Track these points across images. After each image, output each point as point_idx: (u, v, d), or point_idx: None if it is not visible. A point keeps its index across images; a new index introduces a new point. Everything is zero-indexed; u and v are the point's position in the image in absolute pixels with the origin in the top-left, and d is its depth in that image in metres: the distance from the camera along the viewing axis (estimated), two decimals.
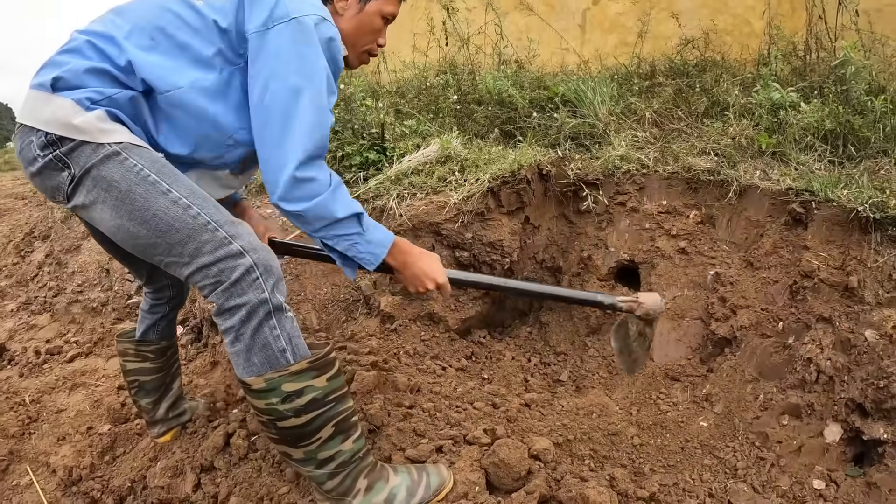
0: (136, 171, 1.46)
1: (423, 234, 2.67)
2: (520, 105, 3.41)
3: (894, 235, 2.18)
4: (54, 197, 1.55)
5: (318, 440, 1.57)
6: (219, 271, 1.47)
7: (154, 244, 1.49)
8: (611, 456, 2.05)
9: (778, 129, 2.97)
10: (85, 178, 1.47)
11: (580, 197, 2.89)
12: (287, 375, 1.50)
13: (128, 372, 2.20)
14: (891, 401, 1.99)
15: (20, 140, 1.53)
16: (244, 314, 1.47)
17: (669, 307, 2.57)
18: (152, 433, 2.28)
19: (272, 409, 1.51)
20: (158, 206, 1.46)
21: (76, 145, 1.45)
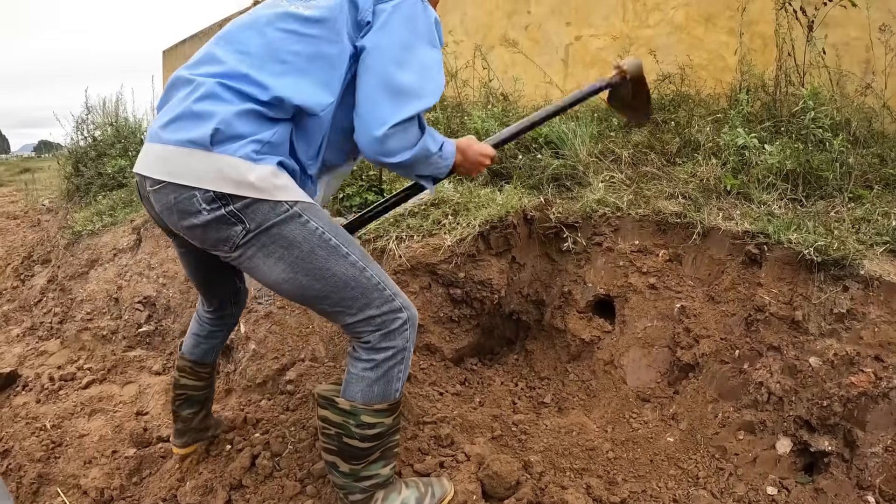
0: (318, 234, 1.68)
1: (420, 273, 3.01)
2: (506, 146, 3.77)
3: (836, 275, 2.56)
4: (215, 246, 1.67)
5: (366, 461, 1.88)
6: (381, 322, 1.77)
7: (325, 297, 1.72)
8: (588, 468, 2.42)
9: (743, 170, 3.31)
10: (262, 235, 1.63)
11: (561, 238, 3.24)
12: (371, 411, 1.81)
13: (179, 386, 2.39)
14: (834, 417, 2.37)
15: (173, 193, 1.61)
16: (390, 354, 1.79)
17: (641, 336, 2.96)
18: (178, 443, 2.48)
19: (346, 427, 1.81)
20: (338, 268, 1.70)
21: (251, 202, 1.59)
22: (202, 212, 1.60)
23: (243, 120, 1.60)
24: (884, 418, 2.32)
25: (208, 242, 1.67)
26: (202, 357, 2.39)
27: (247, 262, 1.69)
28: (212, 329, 2.36)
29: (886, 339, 2.39)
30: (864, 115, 3.76)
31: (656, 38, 4.93)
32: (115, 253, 4.76)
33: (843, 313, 2.49)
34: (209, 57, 1.71)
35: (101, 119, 7.33)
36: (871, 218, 2.87)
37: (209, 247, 1.70)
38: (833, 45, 3.99)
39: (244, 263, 1.70)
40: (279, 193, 1.62)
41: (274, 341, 3.14)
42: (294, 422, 2.64)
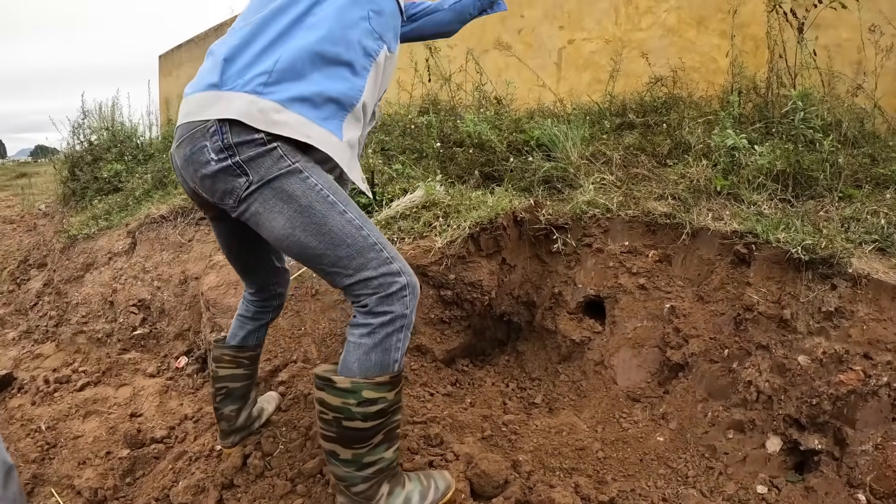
0: (317, 189, 1.69)
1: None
2: (498, 149, 3.81)
3: (824, 273, 2.58)
4: (223, 199, 1.72)
5: (369, 445, 1.80)
6: (378, 284, 1.72)
7: (322, 255, 1.71)
8: (577, 468, 2.43)
9: (733, 170, 3.33)
10: (264, 188, 1.66)
11: (551, 239, 3.26)
12: (372, 384, 1.74)
13: (219, 378, 2.38)
14: (823, 416, 2.37)
15: (188, 146, 1.71)
16: (387, 319, 1.73)
17: (631, 336, 2.97)
18: (226, 443, 2.46)
19: (345, 408, 1.73)
20: (335, 224, 1.69)
21: (255, 155, 1.64)
22: (210, 161, 1.66)
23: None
24: (873, 416, 2.32)
25: (217, 195, 1.72)
26: (244, 340, 2.37)
27: (252, 217, 1.72)
28: (257, 310, 2.36)
29: (875, 336, 2.40)
30: (856, 115, 3.78)
31: (649, 41, 4.96)
32: (111, 256, 4.78)
33: (832, 311, 2.50)
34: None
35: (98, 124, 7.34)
36: (860, 217, 2.89)
37: (218, 199, 1.73)
38: (825, 46, 4.02)
39: (250, 218, 1.73)
40: (276, 128, 1.64)
41: (266, 343, 3.12)
42: (285, 422, 2.63)
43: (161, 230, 4.50)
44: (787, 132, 3.50)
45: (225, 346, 2.38)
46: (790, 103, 3.43)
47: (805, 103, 3.51)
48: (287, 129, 1.65)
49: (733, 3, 4.30)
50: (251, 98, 1.65)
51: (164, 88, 11.97)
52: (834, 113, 3.69)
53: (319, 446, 1.99)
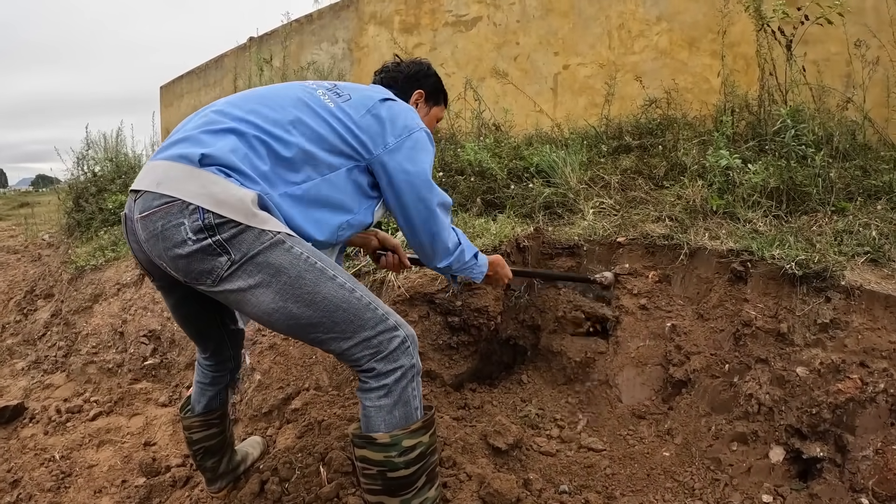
0: (303, 258, 1.66)
1: (418, 303, 3.11)
2: (498, 176, 3.91)
3: (818, 287, 2.66)
4: (198, 279, 1.64)
5: (415, 489, 1.80)
6: (378, 343, 1.73)
7: (317, 324, 1.69)
8: (587, 484, 2.50)
9: (728, 189, 3.42)
10: (248, 264, 1.61)
11: (554, 264, 3.36)
12: (409, 433, 1.76)
13: (194, 442, 2.39)
14: (823, 424, 2.45)
15: (161, 220, 1.62)
16: (398, 375, 1.76)
17: (634, 355, 3.05)
18: (213, 488, 2.50)
19: (388, 461, 1.74)
20: (328, 290, 1.68)
21: (236, 233, 1.59)
22: (187, 241, 1.59)
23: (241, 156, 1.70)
24: (872, 422, 2.40)
25: (192, 275, 1.64)
26: (209, 406, 2.39)
27: (233, 296, 1.67)
28: (214, 375, 2.36)
29: (870, 345, 2.49)
30: (847, 128, 3.88)
31: (642, 64, 5.08)
32: (119, 287, 4.85)
33: (827, 323, 2.58)
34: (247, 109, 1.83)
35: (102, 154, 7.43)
36: (853, 229, 2.98)
37: (192, 279, 1.66)
38: (814, 61, 4.14)
39: (230, 297, 1.68)
40: (255, 221, 1.61)
41: (278, 371, 3.22)
42: (300, 448, 2.66)
43: None
44: (780, 149, 3.59)
45: (193, 415, 2.39)
46: (780, 121, 3.52)
47: (796, 119, 3.60)
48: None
49: (723, 24, 4.41)
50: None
51: (166, 119, 12.10)
52: (825, 127, 3.79)
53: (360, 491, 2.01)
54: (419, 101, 2.34)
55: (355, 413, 2.82)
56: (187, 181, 1.61)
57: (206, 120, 1.78)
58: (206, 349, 2.30)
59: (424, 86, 2.37)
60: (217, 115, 1.79)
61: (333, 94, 1.97)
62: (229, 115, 1.78)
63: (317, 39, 7.55)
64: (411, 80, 2.34)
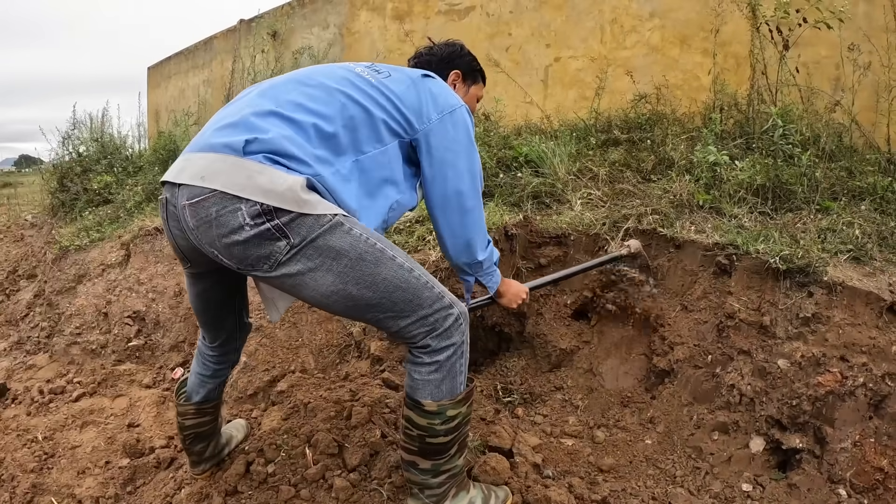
0: (363, 239, 1.67)
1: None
2: (488, 165, 3.94)
3: (801, 281, 2.72)
4: (255, 265, 1.64)
5: (447, 456, 1.92)
6: (434, 320, 1.78)
7: (377, 304, 1.72)
8: (570, 470, 2.55)
9: (715, 185, 3.47)
10: (308, 248, 1.61)
11: (541, 252, 3.39)
12: (454, 403, 1.86)
13: (186, 428, 2.39)
14: (803, 416, 2.52)
15: (215, 206, 1.60)
16: (451, 352, 1.82)
17: (618, 345, 3.10)
18: (197, 471, 2.48)
19: (430, 427, 1.85)
20: (388, 271, 1.70)
21: (296, 216, 1.58)
22: (245, 227, 1.58)
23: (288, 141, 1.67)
24: (851, 415, 2.47)
25: (248, 260, 1.63)
26: (206, 396, 2.38)
27: (290, 280, 1.66)
28: (217, 368, 2.35)
29: (850, 340, 2.55)
30: (834, 130, 3.94)
31: (633, 59, 5.11)
32: (104, 268, 4.82)
33: (809, 317, 2.64)
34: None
35: (87, 135, 7.35)
36: (836, 228, 3.05)
37: (247, 266, 1.65)
38: (804, 63, 4.18)
39: (287, 281, 1.67)
40: (307, 207, 1.60)
41: (264, 354, 3.23)
42: (286, 430, 2.67)
43: (155, 243, 4.56)
44: (767, 147, 3.64)
45: (189, 403, 2.39)
46: (770, 120, 3.57)
47: (785, 120, 3.65)
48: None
49: (715, 23, 4.45)
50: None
51: (153, 100, 11.98)
52: (812, 128, 3.84)
53: (400, 455, 2.01)
54: (456, 82, 2.34)
55: (341, 396, 2.83)
56: (232, 173, 1.60)
57: (250, 102, 1.77)
58: (217, 339, 2.28)
59: (460, 66, 2.36)
60: (261, 97, 1.78)
61: (373, 71, 1.97)
62: (273, 98, 1.77)
63: (308, 24, 7.50)
64: (446, 62, 2.34)
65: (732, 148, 3.81)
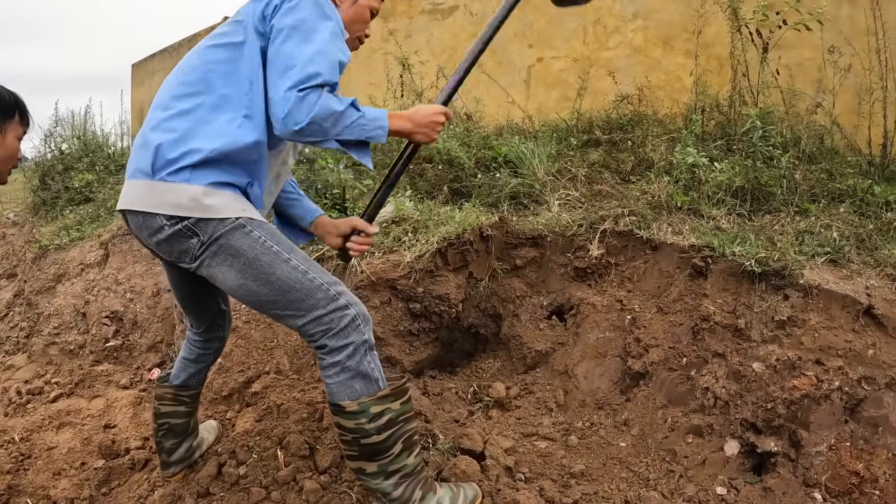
0: (260, 241, 1.84)
1: (380, 288, 3.10)
2: (466, 165, 3.92)
3: (777, 285, 2.71)
4: (180, 258, 1.87)
5: (390, 455, 1.93)
6: (329, 320, 1.85)
7: (274, 301, 1.86)
8: (543, 472, 2.53)
9: (694, 187, 3.46)
10: (213, 245, 1.82)
11: (517, 253, 3.37)
12: (375, 399, 1.88)
13: (160, 415, 2.44)
14: (778, 419, 2.51)
15: (140, 215, 1.84)
16: (350, 351, 1.86)
17: (594, 346, 3.08)
18: (166, 473, 2.52)
19: (360, 428, 1.88)
20: (281, 272, 1.84)
21: (201, 217, 1.79)
22: (164, 227, 1.82)
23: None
24: (827, 418, 2.47)
25: (174, 255, 1.88)
26: (186, 381, 2.44)
27: (206, 271, 1.88)
28: (200, 352, 2.43)
29: (826, 343, 2.55)
30: (816, 132, 3.94)
31: (616, 60, 5.10)
32: (83, 268, 4.78)
33: (784, 320, 2.64)
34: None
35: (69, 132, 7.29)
36: (814, 230, 3.04)
37: (176, 259, 1.89)
38: (786, 65, 4.19)
39: (205, 272, 1.88)
40: (211, 212, 1.80)
41: (240, 355, 3.20)
42: (259, 432, 2.70)
43: (134, 242, 4.50)
44: (747, 149, 3.63)
45: (168, 385, 2.45)
46: (749, 122, 3.56)
47: (765, 121, 3.63)
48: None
49: (698, 24, 4.44)
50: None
51: (137, 98, 11.90)
52: (793, 130, 3.84)
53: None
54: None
55: (314, 397, 2.84)
56: (147, 196, 1.83)
57: (149, 116, 1.92)
58: (201, 325, 2.40)
59: None
60: (154, 108, 1.91)
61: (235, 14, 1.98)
62: (160, 105, 1.90)
63: None
64: None
65: (713, 149, 3.80)
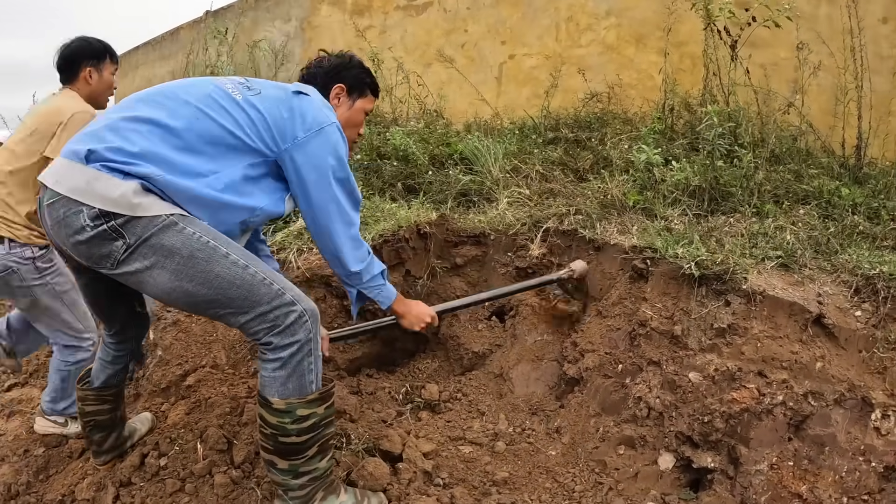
0: (195, 237, 1.68)
1: (315, 285, 2.92)
2: (419, 162, 3.73)
3: (718, 289, 2.49)
4: (98, 263, 1.69)
5: (304, 457, 1.87)
6: (275, 317, 1.75)
7: (213, 300, 1.72)
8: (465, 478, 2.34)
9: (651, 186, 3.26)
10: (142, 247, 1.65)
11: (457, 251, 3.17)
12: (304, 402, 1.81)
13: (85, 414, 2.37)
14: (716, 434, 2.30)
15: (63, 208, 1.67)
16: (295, 349, 1.78)
17: (531, 349, 2.88)
18: (98, 461, 2.47)
19: (281, 426, 1.81)
20: (221, 268, 1.69)
21: (130, 217, 1.63)
22: (86, 228, 1.64)
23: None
24: (768, 435, 2.26)
25: (92, 259, 1.69)
26: (106, 382, 2.34)
27: (131, 277, 1.71)
28: (116, 354, 2.31)
29: (770, 354, 2.34)
30: (790, 133, 3.78)
31: (588, 58, 4.90)
32: None
33: (724, 328, 2.43)
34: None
35: None
36: (769, 232, 2.82)
37: (93, 263, 1.71)
38: (762, 64, 3.99)
39: (130, 279, 1.72)
40: (139, 210, 1.63)
41: (179, 348, 3.08)
42: (185, 424, 2.60)
43: None
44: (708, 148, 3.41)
45: (89, 388, 2.35)
46: (706, 119, 3.33)
47: (731, 120, 3.47)
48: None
49: (668, 21, 4.22)
50: None
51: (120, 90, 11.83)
52: (763, 130, 3.65)
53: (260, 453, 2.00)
54: (341, 96, 2.23)
55: (239, 392, 2.71)
56: (75, 178, 1.66)
57: (107, 116, 1.81)
58: (112, 328, 2.27)
59: (346, 79, 2.24)
60: (117, 110, 1.82)
61: (244, 87, 1.93)
62: (128, 109, 1.80)
63: (271, 16, 7.27)
64: (331, 75, 2.24)
65: (675, 148, 3.58)
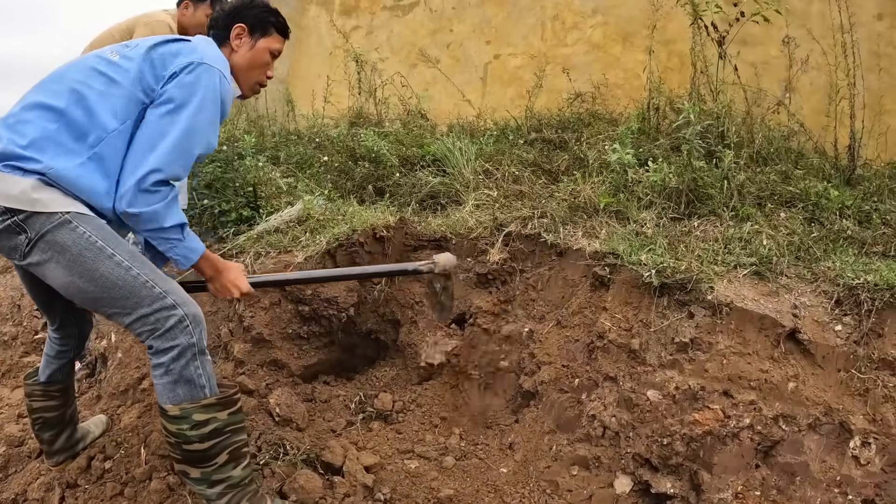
0: (85, 237, 1.69)
1: (270, 289, 2.74)
2: (389, 164, 3.53)
3: (681, 300, 2.24)
4: (10, 255, 1.75)
5: (214, 465, 1.81)
6: (155, 320, 1.73)
7: (100, 298, 1.73)
8: (409, 494, 2.18)
9: (626, 188, 3.01)
10: (40, 242, 1.68)
11: (416, 256, 2.93)
12: (199, 407, 1.76)
13: (34, 410, 2.33)
14: (676, 457, 2.08)
15: None
16: (175, 354, 1.73)
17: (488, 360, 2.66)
18: (51, 462, 2.42)
19: (182, 434, 1.76)
20: (104, 268, 1.70)
21: (30, 213, 1.66)
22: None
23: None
24: (734, 461, 2.04)
25: (4, 251, 1.74)
26: (51, 377, 2.30)
27: (37, 269, 1.74)
28: (59, 349, 2.28)
29: (736, 372, 2.11)
30: (781, 133, 3.55)
31: (574, 57, 4.66)
32: None
33: (687, 343, 2.20)
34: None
35: None
36: (744, 237, 2.57)
37: (7, 255, 1.76)
38: (752, 63, 3.81)
39: (35, 270, 1.75)
40: (39, 206, 1.66)
41: (138, 351, 2.95)
42: (132, 428, 2.53)
43: None
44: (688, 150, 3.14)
45: (35, 383, 2.31)
46: (681, 117, 3.06)
47: (709, 118, 3.25)
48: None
49: (654, 18, 3.98)
50: None
51: None
52: (751, 130, 3.42)
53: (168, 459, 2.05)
54: (242, 35, 2.06)
55: None
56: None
57: (9, 111, 1.81)
58: (54, 322, 2.24)
59: (246, 18, 2.08)
60: (15, 107, 1.80)
61: (123, 47, 1.89)
62: (20, 104, 1.79)
63: None
64: (231, 16, 2.09)
65: (657, 148, 3.32)
